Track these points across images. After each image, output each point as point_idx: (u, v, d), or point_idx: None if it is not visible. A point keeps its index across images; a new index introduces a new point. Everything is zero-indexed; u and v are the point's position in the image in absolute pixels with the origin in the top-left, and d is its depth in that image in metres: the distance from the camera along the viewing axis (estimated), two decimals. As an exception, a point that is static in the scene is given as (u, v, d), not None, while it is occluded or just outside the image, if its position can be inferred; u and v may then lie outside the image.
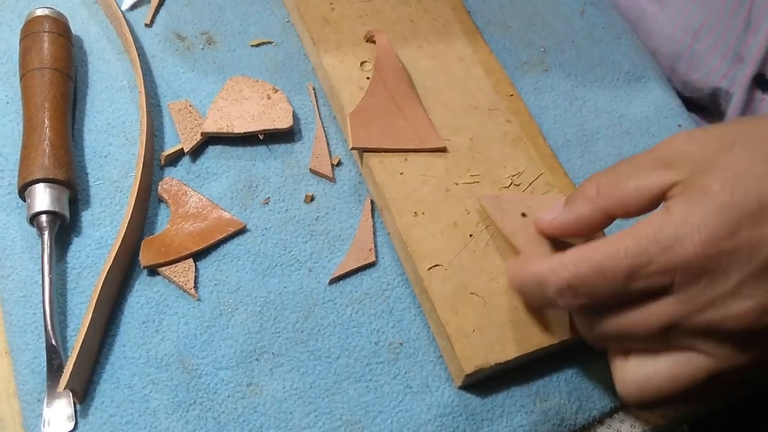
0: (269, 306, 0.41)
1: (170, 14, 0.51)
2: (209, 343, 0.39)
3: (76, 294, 0.40)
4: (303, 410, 0.38)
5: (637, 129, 0.50)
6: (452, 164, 0.44)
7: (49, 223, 0.39)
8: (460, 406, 0.39)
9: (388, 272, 0.42)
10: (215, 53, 0.49)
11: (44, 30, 0.45)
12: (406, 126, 0.44)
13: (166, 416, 0.37)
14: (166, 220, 0.43)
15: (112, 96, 0.47)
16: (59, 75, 0.44)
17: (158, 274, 0.41)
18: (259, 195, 0.44)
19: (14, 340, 0.38)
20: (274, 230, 0.43)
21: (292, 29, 0.51)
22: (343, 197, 0.45)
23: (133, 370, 0.38)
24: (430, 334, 0.41)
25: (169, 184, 0.43)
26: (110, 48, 0.49)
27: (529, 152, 0.45)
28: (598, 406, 0.40)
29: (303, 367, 0.39)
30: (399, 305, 0.41)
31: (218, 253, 0.42)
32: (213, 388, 0.38)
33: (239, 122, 0.45)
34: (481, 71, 0.48)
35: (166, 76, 0.48)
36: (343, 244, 0.43)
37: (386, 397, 0.39)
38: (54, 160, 0.41)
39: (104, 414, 0.37)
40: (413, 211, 0.42)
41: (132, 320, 0.39)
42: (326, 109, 0.48)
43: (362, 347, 0.40)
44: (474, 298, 0.39)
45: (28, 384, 0.37)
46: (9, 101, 0.46)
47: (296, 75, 0.49)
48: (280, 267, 0.42)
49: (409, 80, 0.46)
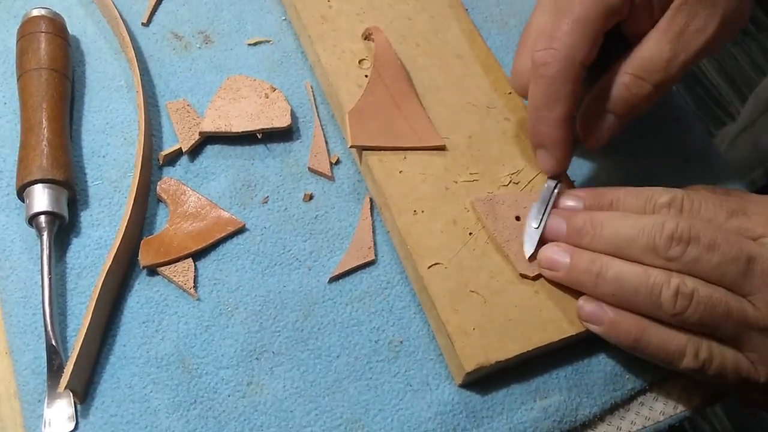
0: (269, 305, 0.41)
1: (167, 13, 0.51)
2: (209, 343, 0.39)
3: (75, 294, 0.40)
4: (303, 409, 0.38)
5: (638, 122, 0.50)
6: (451, 162, 0.44)
7: (48, 224, 0.39)
8: (460, 403, 0.39)
9: (387, 270, 0.43)
10: (212, 52, 0.49)
11: (41, 30, 0.45)
12: (405, 124, 0.44)
13: (167, 416, 0.37)
14: (165, 219, 0.43)
15: (110, 96, 0.47)
16: (56, 75, 0.44)
17: (158, 273, 0.41)
18: (258, 194, 0.44)
19: (14, 340, 0.38)
20: (274, 229, 0.43)
21: (289, 27, 0.51)
22: (342, 196, 0.45)
23: (134, 370, 0.38)
24: (430, 332, 0.41)
25: (167, 183, 0.43)
26: (107, 48, 0.49)
27: (528, 150, 0.45)
28: (598, 402, 0.40)
29: (303, 366, 0.39)
30: (399, 303, 0.42)
31: (217, 253, 0.42)
32: (213, 388, 0.38)
33: (237, 121, 0.45)
34: (479, 69, 0.48)
35: (163, 75, 0.48)
36: (343, 243, 0.43)
37: (386, 395, 0.39)
38: (52, 160, 0.41)
39: (105, 414, 0.37)
40: (413, 210, 0.42)
41: (132, 320, 0.39)
42: (324, 108, 0.48)
43: (362, 345, 0.40)
44: (474, 296, 0.39)
45: (29, 384, 0.37)
46: (6, 102, 0.45)
47: (294, 73, 0.49)
48: (280, 266, 0.42)
49: (408, 78, 0.46)
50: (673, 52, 0.40)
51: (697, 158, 0.51)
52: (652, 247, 0.36)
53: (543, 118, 0.40)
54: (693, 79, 1.67)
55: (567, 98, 0.39)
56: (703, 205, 0.38)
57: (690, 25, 0.39)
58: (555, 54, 0.38)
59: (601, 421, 0.41)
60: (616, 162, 0.49)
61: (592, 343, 0.40)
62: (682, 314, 0.35)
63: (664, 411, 0.41)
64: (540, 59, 0.39)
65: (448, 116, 0.46)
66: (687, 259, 0.36)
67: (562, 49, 0.38)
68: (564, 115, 0.40)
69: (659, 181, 0.43)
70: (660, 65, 0.40)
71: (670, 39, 0.40)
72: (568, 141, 0.41)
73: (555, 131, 0.40)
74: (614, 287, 0.37)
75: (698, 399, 0.42)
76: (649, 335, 0.37)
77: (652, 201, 0.39)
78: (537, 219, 0.40)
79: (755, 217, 0.38)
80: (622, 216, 0.38)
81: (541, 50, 0.39)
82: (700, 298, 0.35)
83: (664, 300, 0.36)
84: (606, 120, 0.42)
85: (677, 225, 0.36)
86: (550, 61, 0.38)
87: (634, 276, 0.36)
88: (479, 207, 0.42)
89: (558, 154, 0.41)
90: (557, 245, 0.40)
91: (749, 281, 0.36)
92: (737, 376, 0.37)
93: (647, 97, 0.41)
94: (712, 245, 0.36)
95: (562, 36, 0.38)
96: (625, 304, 0.37)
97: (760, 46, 1.69)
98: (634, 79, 0.40)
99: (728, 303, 0.35)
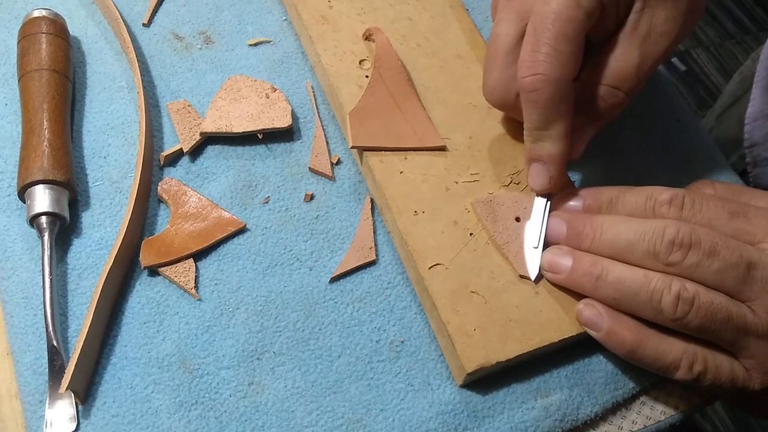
0: (270, 305, 0.41)
1: (168, 14, 0.51)
2: (210, 343, 0.39)
3: (76, 295, 0.40)
4: (305, 409, 0.38)
5: (638, 123, 0.50)
6: (452, 163, 0.44)
7: (49, 225, 0.39)
8: (461, 403, 0.39)
9: (388, 270, 0.43)
10: (213, 53, 0.49)
11: (42, 31, 0.45)
12: (406, 125, 0.44)
13: (168, 416, 0.37)
14: (166, 220, 0.43)
15: (111, 97, 0.47)
16: (57, 76, 0.44)
17: (159, 274, 0.41)
18: (259, 194, 0.44)
19: (15, 341, 0.38)
20: (274, 229, 0.43)
21: (290, 28, 0.51)
22: (342, 196, 0.45)
23: (135, 371, 0.38)
24: (431, 332, 0.41)
25: (168, 184, 0.43)
26: (108, 49, 0.49)
27: (529, 150, 0.45)
28: (600, 401, 0.40)
29: (304, 366, 0.39)
30: (400, 303, 0.42)
31: (218, 253, 0.42)
32: (215, 388, 0.38)
33: (238, 122, 0.45)
34: (479, 69, 0.48)
35: (164, 76, 0.48)
36: (344, 243, 0.43)
37: (388, 395, 0.39)
38: (53, 161, 0.41)
39: (106, 414, 0.37)
40: (413, 210, 0.42)
41: (133, 321, 0.39)
42: (325, 108, 0.48)
43: (363, 346, 0.40)
44: (475, 297, 0.39)
45: (30, 385, 0.37)
46: (7, 103, 0.45)
47: (295, 73, 0.49)
48: (281, 266, 0.42)
49: (409, 79, 0.46)
50: (642, 57, 0.40)
51: (697, 158, 0.51)
52: (652, 252, 0.36)
53: (542, 135, 0.40)
54: (693, 79, 1.67)
55: (564, 116, 0.39)
56: (704, 205, 0.38)
57: (654, 29, 0.39)
58: (544, 79, 0.37)
59: (603, 420, 0.41)
60: (616, 162, 0.49)
61: (593, 343, 0.40)
62: (683, 319, 0.36)
63: (665, 411, 0.41)
64: (529, 86, 0.38)
65: (448, 117, 0.46)
66: (687, 264, 0.36)
67: (550, 72, 0.37)
68: (565, 131, 0.39)
69: (660, 181, 0.43)
70: (631, 73, 0.40)
71: (637, 45, 0.40)
72: (567, 155, 0.40)
73: (556, 147, 0.40)
74: (615, 291, 0.37)
75: (699, 398, 0.42)
76: (646, 347, 0.37)
77: (653, 199, 0.39)
78: (535, 239, 0.41)
79: (756, 220, 0.38)
80: (623, 220, 0.38)
81: (527, 77, 0.38)
82: (701, 304, 0.35)
83: (664, 305, 0.36)
84: (585, 130, 0.42)
85: (678, 230, 0.36)
86: (540, 87, 0.37)
87: (635, 280, 0.36)
88: (479, 208, 0.42)
89: (555, 169, 0.40)
90: (559, 248, 0.40)
91: (749, 287, 0.36)
92: (732, 386, 0.37)
93: (620, 104, 0.41)
94: (713, 251, 0.36)
95: (546, 58, 0.37)
96: (626, 308, 0.37)
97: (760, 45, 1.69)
98: (609, 90, 0.40)
99: (729, 309, 0.35)
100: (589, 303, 0.38)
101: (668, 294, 0.35)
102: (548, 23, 0.37)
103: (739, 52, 1.74)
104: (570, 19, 0.37)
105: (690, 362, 0.36)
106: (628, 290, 0.37)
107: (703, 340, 0.37)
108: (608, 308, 0.38)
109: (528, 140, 0.41)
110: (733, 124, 0.70)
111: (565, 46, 0.37)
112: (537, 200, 0.42)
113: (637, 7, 0.39)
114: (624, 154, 0.49)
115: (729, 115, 0.74)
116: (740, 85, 0.74)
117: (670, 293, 0.35)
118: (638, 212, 0.39)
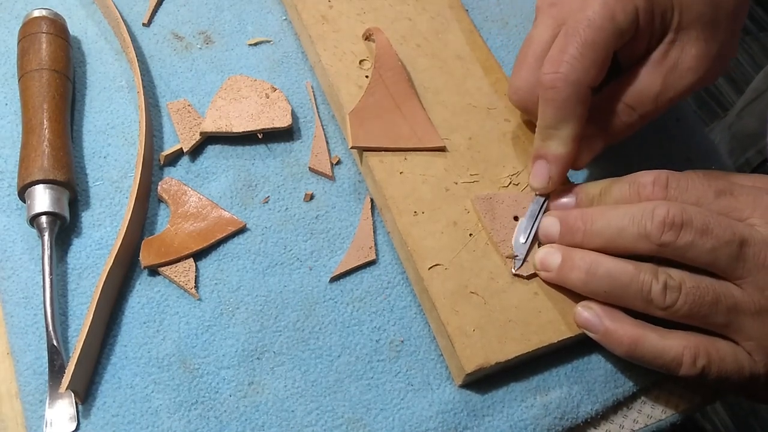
0: (270, 305, 0.41)
1: (168, 14, 0.51)
2: (210, 343, 0.39)
3: (77, 295, 0.40)
4: (305, 408, 0.38)
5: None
6: (452, 163, 0.44)
7: (49, 224, 0.39)
8: (461, 402, 0.39)
9: (388, 270, 0.43)
10: (213, 52, 0.49)
11: (42, 31, 0.45)
12: (406, 125, 0.44)
13: (168, 416, 0.37)
14: (166, 220, 0.43)
15: (111, 96, 0.47)
16: (57, 76, 0.44)
17: (159, 274, 0.41)
18: (259, 194, 0.44)
19: (15, 341, 0.38)
20: (274, 229, 0.43)
21: (290, 27, 0.51)
22: (342, 196, 0.45)
23: (135, 370, 0.38)
24: (431, 332, 0.41)
25: (168, 184, 0.43)
26: (108, 48, 0.49)
27: (528, 151, 0.45)
28: (600, 399, 0.40)
29: (304, 366, 0.39)
30: (399, 303, 0.42)
31: (218, 253, 0.42)
32: (215, 388, 0.38)
33: (238, 121, 0.45)
34: (479, 70, 0.48)
35: (164, 76, 0.48)
36: (344, 243, 0.43)
37: (388, 394, 0.39)
38: (53, 161, 0.41)
39: (106, 414, 0.37)
40: (413, 211, 0.42)
41: (133, 320, 0.39)
42: (325, 108, 0.48)
43: (363, 345, 0.40)
44: (474, 297, 0.39)
45: (30, 385, 0.37)
46: (7, 103, 0.46)
47: (294, 73, 0.49)
48: (281, 266, 0.42)
49: (409, 79, 0.46)
50: (664, 86, 0.40)
51: (697, 158, 0.51)
52: (644, 234, 0.36)
53: (552, 134, 0.40)
54: (693, 79, 1.67)
55: (577, 119, 0.39)
56: (690, 184, 0.38)
57: (682, 63, 0.40)
58: (564, 78, 0.38)
59: (605, 419, 0.41)
60: (616, 162, 0.49)
61: (592, 342, 0.40)
62: (673, 307, 0.36)
63: (666, 410, 0.41)
64: (549, 83, 0.39)
65: (448, 117, 0.46)
66: (680, 243, 0.36)
67: (571, 73, 0.38)
68: (574, 134, 0.40)
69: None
70: (649, 98, 0.40)
71: (662, 73, 0.40)
72: (572, 159, 0.41)
73: (563, 148, 0.40)
74: (606, 284, 0.37)
75: (700, 397, 0.42)
76: (644, 345, 0.37)
77: (636, 183, 0.39)
78: (525, 234, 0.41)
79: (742, 197, 0.38)
80: (612, 208, 0.38)
81: (549, 73, 0.39)
82: (688, 289, 0.36)
83: (654, 295, 0.36)
84: (594, 142, 0.42)
85: (668, 210, 0.36)
86: (558, 86, 0.38)
87: (626, 272, 0.37)
88: (478, 205, 0.42)
89: (557, 170, 0.41)
90: (549, 246, 0.40)
91: (741, 264, 0.36)
92: (739, 375, 0.37)
93: (634, 125, 0.41)
94: (705, 229, 0.35)
95: (570, 60, 0.38)
96: (618, 301, 0.38)
97: (760, 45, 1.69)
98: (625, 108, 0.41)
99: (715, 290, 0.36)
100: (586, 305, 0.39)
101: (657, 284, 0.36)
102: (580, 29, 0.38)
103: (740, 52, 1.74)
104: (601, 29, 0.38)
105: (693, 356, 0.36)
106: (619, 283, 0.37)
107: (703, 334, 0.37)
108: (605, 309, 0.38)
109: (537, 137, 0.41)
110: (754, 119, 0.70)
111: (590, 53, 0.38)
112: (536, 197, 0.42)
113: (669, 38, 0.40)
114: (624, 154, 0.49)
115: (750, 110, 0.74)
116: (764, 81, 0.74)
117: (659, 283, 0.36)
118: (624, 199, 0.39)
